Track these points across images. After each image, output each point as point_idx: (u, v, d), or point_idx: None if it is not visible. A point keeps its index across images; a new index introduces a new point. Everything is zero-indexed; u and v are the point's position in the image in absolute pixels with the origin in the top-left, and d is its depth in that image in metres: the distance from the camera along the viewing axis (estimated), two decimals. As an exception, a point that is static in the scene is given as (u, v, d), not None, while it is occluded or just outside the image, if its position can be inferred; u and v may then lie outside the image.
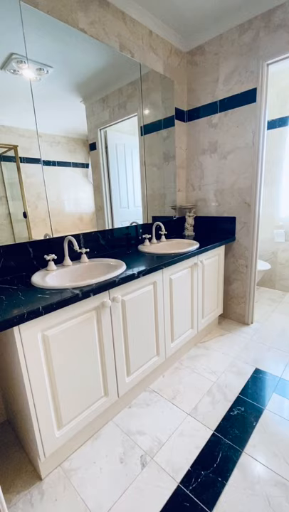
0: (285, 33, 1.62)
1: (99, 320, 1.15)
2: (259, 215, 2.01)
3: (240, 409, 1.37)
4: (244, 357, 1.80)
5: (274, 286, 2.98)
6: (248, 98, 1.86)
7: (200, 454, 1.15)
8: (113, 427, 1.32)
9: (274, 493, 0.98)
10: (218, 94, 2.00)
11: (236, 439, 1.21)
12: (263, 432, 1.24)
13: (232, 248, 2.17)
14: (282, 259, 2.86)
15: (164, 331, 1.56)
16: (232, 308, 2.30)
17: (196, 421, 1.32)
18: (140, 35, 1.75)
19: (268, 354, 1.82)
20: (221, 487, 1.02)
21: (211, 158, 2.16)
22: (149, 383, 1.59)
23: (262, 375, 1.62)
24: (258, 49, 1.74)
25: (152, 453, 1.17)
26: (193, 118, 2.19)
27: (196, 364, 1.75)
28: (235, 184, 2.05)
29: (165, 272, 1.49)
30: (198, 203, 2.33)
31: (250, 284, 2.15)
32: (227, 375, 1.64)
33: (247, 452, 1.15)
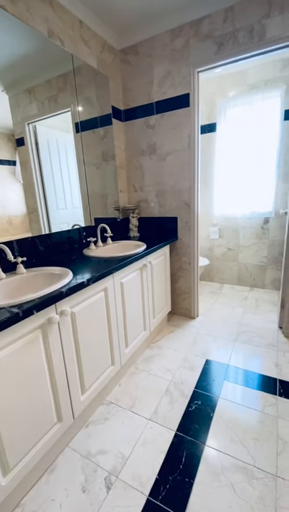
0: (212, 43, 1.74)
1: (46, 339, 1.01)
2: (198, 214, 2.13)
3: (197, 403, 1.41)
4: (195, 350, 1.88)
5: (212, 279, 3.23)
6: (182, 102, 1.93)
7: (165, 459, 1.14)
8: (70, 453, 1.20)
9: (237, 479, 1.04)
10: (153, 96, 2.03)
11: (197, 434, 1.24)
12: (220, 421, 1.31)
13: (176, 247, 2.24)
14: (218, 254, 3.12)
15: (118, 337, 1.49)
16: (179, 304, 2.38)
17: (158, 425, 1.31)
18: (70, 23, 1.62)
19: (215, 344, 1.95)
20: (189, 488, 1.02)
21: (150, 160, 2.18)
22: (105, 395, 1.50)
23: (212, 365, 1.71)
24: (189, 56, 1.83)
25: (117, 471, 1.10)
26: (130, 118, 2.17)
27: (151, 366, 1.75)
28: (175, 185, 2.12)
29: (116, 276, 1.42)
30: (140, 204, 2.33)
31: (193, 280, 2.26)
32: (181, 371, 1.68)
33: (209, 445, 1.19)
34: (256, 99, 2.53)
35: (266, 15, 1.57)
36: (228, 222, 2.97)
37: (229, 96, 2.67)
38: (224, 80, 2.66)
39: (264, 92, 2.49)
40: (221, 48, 1.73)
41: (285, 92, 2.43)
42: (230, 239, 3.02)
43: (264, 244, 2.86)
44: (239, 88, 2.62)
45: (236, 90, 2.63)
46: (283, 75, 2.43)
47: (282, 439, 1.19)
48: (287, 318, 1.98)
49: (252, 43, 1.64)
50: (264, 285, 2.98)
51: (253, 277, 3.01)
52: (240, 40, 1.66)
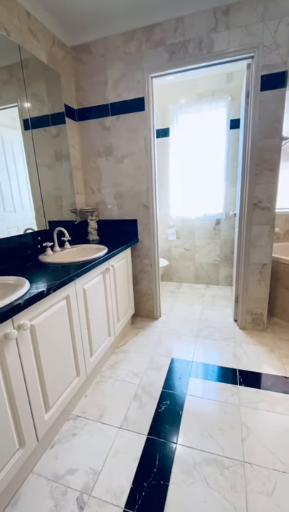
0: (164, 51, 1.79)
1: (2, 358, 0.91)
2: (157, 216, 2.17)
3: (166, 404, 1.43)
4: (160, 351, 1.90)
5: (171, 279, 3.32)
6: (137, 106, 1.95)
7: (139, 465, 1.12)
8: (35, 479, 1.09)
9: (209, 472, 1.07)
10: (108, 98, 2.00)
11: (169, 434, 1.25)
12: (189, 417, 1.34)
13: (137, 249, 2.25)
14: (176, 254, 3.23)
15: (82, 347, 1.42)
16: (142, 305, 2.39)
17: (129, 431, 1.28)
18: (16, 13, 1.50)
19: (179, 342, 2.00)
20: (164, 490, 1.02)
21: (107, 161, 2.14)
22: (71, 409, 1.41)
23: (178, 364, 1.75)
24: (142, 61, 1.85)
25: (89, 488, 1.04)
26: (85, 118, 2.11)
27: (117, 372, 1.71)
28: (134, 188, 2.12)
29: (78, 282, 1.35)
30: (99, 206, 2.28)
31: (155, 281, 2.29)
32: (148, 373, 1.68)
33: (180, 443, 1.20)
34: (205, 108, 2.69)
35: (213, 29, 1.68)
36: (184, 223, 3.10)
37: (180, 103, 2.79)
38: (175, 87, 2.77)
39: (211, 102, 2.67)
40: (173, 57, 1.79)
41: (230, 103, 2.64)
42: (187, 240, 3.15)
43: (216, 243, 3.06)
44: (189, 96, 2.76)
45: (186, 98, 2.77)
46: (228, 87, 2.63)
47: (245, 425, 1.27)
48: (241, 311, 2.14)
49: (201, 55, 1.73)
50: (218, 282, 3.18)
51: (209, 275, 3.19)
52: (190, 50, 1.75)
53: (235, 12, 1.63)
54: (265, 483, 1.02)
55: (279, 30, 1.59)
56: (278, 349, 1.85)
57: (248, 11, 1.61)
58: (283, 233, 2.79)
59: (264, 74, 1.66)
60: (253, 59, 1.68)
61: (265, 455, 1.13)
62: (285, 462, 1.10)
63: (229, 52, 1.69)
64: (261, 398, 1.43)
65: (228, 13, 1.64)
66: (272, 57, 1.63)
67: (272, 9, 1.57)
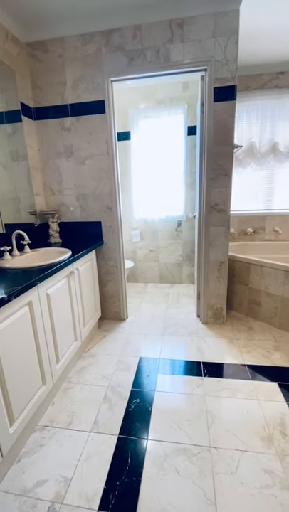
0: (123, 56, 1.83)
1: None
2: (121, 218, 2.19)
3: (136, 402, 1.45)
4: (128, 351, 1.92)
5: (137, 280, 3.37)
6: (97, 108, 1.95)
7: (111, 466, 1.12)
8: (2, 496, 1.03)
9: (179, 462, 1.12)
10: (67, 98, 1.97)
11: (139, 431, 1.28)
12: (158, 412, 1.38)
13: (102, 251, 2.24)
14: (141, 256, 3.28)
15: (47, 354, 1.37)
16: (109, 308, 2.38)
17: (100, 434, 1.28)
18: None
19: (146, 341, 2.04)
20: (137, 486, 1.04)
21: (68, 162, 2.10)
22: (38, 420, 1.36)
23: (146, 362, 1.79)
24: (102, 64, 1.86)
25: (60, 497, 1.02)
26: (43, 117, 2.04)
27: (85, 376, 1.68)
28: (97, 189, 2.11)
29: (41, 287, 1.31)
30: (60, 208, 2.22)
31: (121, 283, 2.31)
32: (117, 374, 1.68)
33: (151, 438, 1.24)
34: (164, 113, 2.80)
35: (170, 40, 1.77)
36: (148, 225, 3.17)
37: (140, 108, 2.85)
38: (135, 91, 2.83)
39: (170, 109, 2.78)
40: (132, 63, 1.84)
41: (186, 110, 2.78)
42: (151, 241, 3.22)
43: (179, 244, 3.18)
44: (148, 102, 2.84)
45: (146, 103, 2.84)
46: (185, 95, 2.77)
47: (210, 413, 1.36)
48: (202, 307, 2.27)
49: (159, 63, 1.81)
50: (182, 280, 3.31)
51: (172, 274, 3.30)
52: (148, 58, 1.81)
53: (189, 26, 1.73)
54: (229, 464, 1.11)
55: (228, 46, 1.74)
56: (237, 340, 2.01)
57: (200, 26, 1.73)
58: (238, 233, 3.03)
59: (216, 86, 1.80)
60: (206, 72, 1.81)
61: (229, 438, 1.22)
62: (246, 442, 1.20)
63: (185, 63, 1.79)
64: (224, 386, 1.54)
65: (183, 27, 1.74)
66: (223, 72, 1.77)
67: (222, 26, 1.71)
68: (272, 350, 1.86)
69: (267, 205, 2.95)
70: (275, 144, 2.65)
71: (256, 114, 2.65)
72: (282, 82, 2.59)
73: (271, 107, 2.62)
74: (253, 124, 2.67)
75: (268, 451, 1.15)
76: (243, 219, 2.99)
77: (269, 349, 1.88)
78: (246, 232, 2.99)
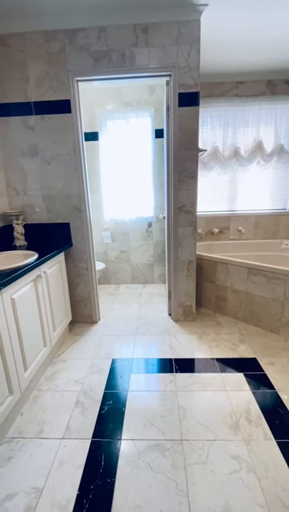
0: (89, 56, 1.81)
1: None
2: (90, 219, 2.16)
3: (109, 404, 1.45)
4: (100, 354, 1.91)
5: (109, 281, 3.35)
6: (63, 107, 1.91)
7: (85, 471, 1.11)
8: None
9: (152, 458, 1.14)
10: (31, 96, 1.90)
11: (113, 433, 1.28)
12: (132, 412, 1.39)
13: (71, 253, 2.19)
14: (112, 257, 3.27)
15: (14, 362, 1.31)
16: (80, 311, 2.33)
17: (72, 440, 1.25)
18: None
19: (119, 342, 2.04)
20: (111, 487, 1.04)
21: (33, 162, 2.03)
22: (5, 432, 1.29)
23: (119, 363, 1.79)
24: (67, 63, 1.83)
25: (31, 509, 0.98)
26: (4, 114, 1.94)
27: (56, 382, 1.63)
28: (64, 190, 2.07)
29: (4, 292, 1.25)
30: (25, 209, 2.13)
31: (92, 285, 2.28)
32: (90, 378, 1.66)
33: (124, 438, 1.24)
34: (131, 116, 2.82)
35: (135, 44, 1.80)
36: (118, 226, 3.17)
37: (107, 108, 2.85)
38: (102, 92, 2.82)
39: (137, 111, 2.82)
40: (98, 64, 1.83)
41: (153, 113, 2.84)
42: (122, 242, 3.23)
43: (150, 245, 3.23)
44: (116, 103, 2.84)
45: (113, 105, 2.84)
46: (152, 98, 2.82)
47: (181, 407, 1.40)
48: (173, 306, 2.33)
49: (125, 66, 1.83)
50: (153, 280, 3.36)
51: (144, 275, 3.34)
52: (114, 60, 1.82)
53: (153, 32, 1.78)
54: (200, 454, 1.16)
55: (191, 54, 1.81)
56: (206, 335, 2.09)
57: (164, 32, 1.78)
58: (205, 233, 3.16)
59: (181, 92, 1.86)
60: (171, 77, 1.87)
61: (199, 429, 1.27)
62: (215, 431, 1.26)
63: (150, 68, 1.83)
64: (194, 381, 1.60)
65: (147, 32, 1.78)
66: (187, 79, 1.84)
67: (184, 35, 1.78)
68: (238, 343, 1.97)
69: (231, 207, 3.12)
70: (236, 148, 2.82)
71: (219, 119, 2.79)
72: (241, 91, 2.76)
73: (233, 114, 2.77)
74: (216, 129, 2.81)
75: (236, 438, 1.22)
76: (210, 220, 3.13)
77: (235, 342, 1.99)
78: (213, 232, 3.13)
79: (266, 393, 1.48)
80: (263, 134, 2.79)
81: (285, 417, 1.33)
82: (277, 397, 1.45)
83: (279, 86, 2.74)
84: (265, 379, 1.59)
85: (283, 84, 2.73)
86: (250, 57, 2.40)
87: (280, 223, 3.11)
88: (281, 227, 3.12)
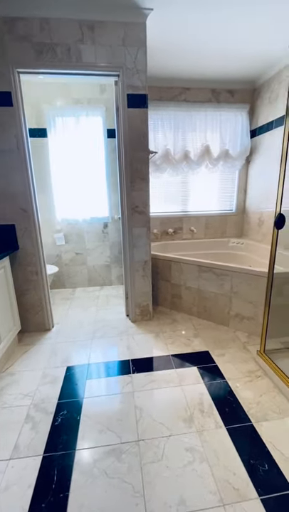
0: (31, 48, 1.71)
1: None
2: (38, 220, 2.04)
3: (63, 414, 1.38)
4: (54, 362, 1.81)
5: (64, 285, 3.20)
6: (3, 100, 1.76)
7: (35, 490, 1.03)
8: None
9: (108, 464, 1.12)
10: None
11: (67, 444, 1.21)
12: (87, 419, 1.35)
13: (17, 257, 2.03)
14: (66, 259, 3.13)
15: None
16: (30, 319, 2.18)
17: (21, 459, 1.16)
18: None
19: (74, 348, 1.96)
20: (65, 501, 0.99)
21: None
22: None
23: (74, 370, 1.72)
24: (6, 53, 1.69)
25: None
26: None
27: (3, 399, 1.50)
28: (7, 189, 1.91)
29: None
30: None
31: (43, 290, 2.15)
32: (41, 389, 1.56)
33: (79, 448, 1.19)
34: (82, 114, 2.74)
35: (80, 40, 1.75)
36: (72, 227, 3.06)
37: (56, 105, 2.72)
38: (49, 87, 2.68)
39: (88, 110, 2.75)
40: (41, 57, 1.73)
41: (105, 113, 2.80)
42: (77, 243, 3.12)
43: (106, 245, 3.18)
44: (65, 100, 2.73)
45: (63, 101, 2.73)
46: (103, 97, 2.79)
47: (138, 408, 1.40)
48: (130, 306, 2.33)
49: (71, 62, 1.76)
50: (111, 282, 3.32)
51: (102, 277, 3.28)
52: (59, 55, 1.74)
53: (99, 30, 1.75)
54: (156, 452, 1.17)
55: (138, 57, 1.83)
56: (162, 333, 2.14)
57: (111, 32, 1.76)
58: (160, 233, 3.23)
59: (129, 93, 1.87)
60: (119, 78, 1.86)
61: (155, 427, 1.29)
62: (170, 427, 1.29)
63: (97, 66, 1.80)
64: (151, 379, 1.62)
65: (93, 30, 1.75)
66: (135, 80, 1.85)
67: (131, 37, 1.79)
68: (192, 338, 2.05)
69: (184, 208, 3.25)
70: (186, 152, 2.94)
71: (170, 123, 2.88)
72: (189, 97, 2.90)
73: (182, 118, 2.89)
74: (167, 133, 2.89)
75: (189, 431, 1.26)
76: (164, 220, 3.21)
77: (190, 337, 2.07)
78: (167, 232, 3.22)
79: (217, 383, 1.57)
80: (209, 139, 2.96)
81: (234, 403, 1.42)
82: (227, 386, 1.55)
83: (222, 95, 2.94)
84: (216, 370, 1.69)
85: (226, 94, 2.94)
86: (195, 66, 2.53)
87: (227, 223, 3.35)
88: (229, 226, 3.36)
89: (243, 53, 2.32)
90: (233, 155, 2.99)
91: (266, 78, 2.72)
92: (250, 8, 1.75)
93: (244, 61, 2.46)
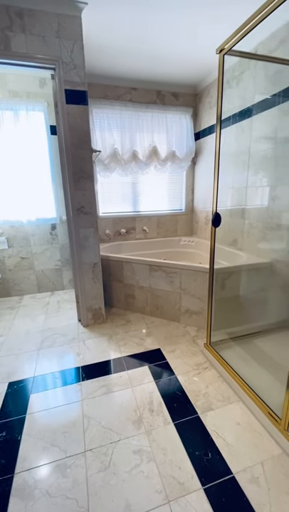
0: None
1: None
2: (-29, 224, 1.84)
3: (1, 437, 1.25)
4: (-6, 379, 1.64)
5: (9, 293, 2.96)
6: None
7: None
8: None
9: (51, 482, 1.05)
10: None
11: (4, 470, 1.10)
12: (30, 438, 1.25)
13: None
14: (11, 265, 2.90)
15: None
16: None
17: None
18: None
19: (19, 361, 1.81)
20: (-2, 536, 0.89)
21: None
22: None
23: (16, 386, 1.58)
24: None
25: None
26: None
27: None
28: None
29: None
30: None
31: (-19, 300, 1.95)
32: (-22, 411, 1.40)
33: (18, 471, 1.09)
34: (21, 108, 2.55)
35: (9, 27, 1.61)
36: (16, 230, 2.83)
37: (-10, 97, 2.49)
38: (-20, 77, 2.44)
39: (28, 104, 2.57)
40: None
41: (46, 108, 2.65)
42: (22, 247, 2.90)
43: (56, 248, 3.03)
44: (0, 92, 2.51)
45: (-3, 93, 2.51)
46: (43, 91, 2.63)
47: (86, 416, 1.35)
48: (82, 310, 2.25)
49: (-2, 50, 1.61)
50: (64, 286, 3.17)
51: (52, 281, 3.11)
52: (-17, 40, 1.58)
53: (29, 19, 1.63)
54: (103, 461, 1.13)
55: (75, 51, 1.76)
56: (115, 335, 2.10)
57: (43, 22, 1.66)
58: (113, 234, 3.19)
59: (67, 89, 1.79)
60: (56, 71, 1.77)
61: (104, 434, 1.25)
62: (119, 432, 1.26)
63: (29, 56, 1.68)
64: (101, 384, 1.57)
65: (23, 17, 1.62)
66: (72, 75, 1.78)
67: (66, 29, 1.71)
68: (145, 337, 2.06)
69: (135, 208, 3.26)
70: (135, 152, 2.94)
71: (116, 122, 2.85)
72: (135, 97, 2.90)
73: (129, 118, 2.88)
74: (114, 132, 2.86)
75: (138, 432, 1.26)
76: (117, 220, 3.18)
77: (142, 337, 2.07)
78: (120, 233, 3.20)
79: (167, 380, 1.59)
80: (157, 140, 3.01)
81: (182, 398, 1.46)
82: (176, 381, 1.58)
83: (167, 97, 3.01)
84: (166, 367, 1.71)
85: (170, 96, 3.02)
86: (140, 67, 2.54)
87: (178, 222, 3.45)
88: (180, 225, 3.47)
89: (182, 58, 2.41)
90: (180, 156, 3.10)
91: (206, 84, 2.86)
92: (186, 14, 1.81)
93: (185, 66, 2.56)
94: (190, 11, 1.78)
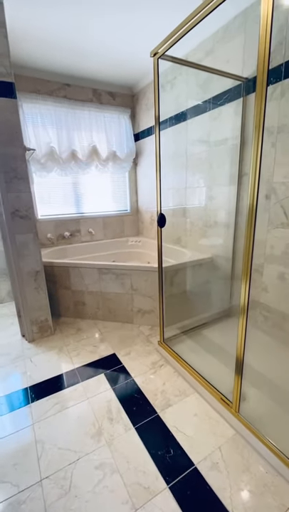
0: None
1: None
2: None
3: None
4: None
5: None
6: None
7: None
8: None
9: (0, 529, 0.92)
10: None
11: None
12: None
13: None
14: None
15: None
16: None
17: None
18: None
19: None
20: None
21: None
22: None
23: None
24: None
25: None
26: None
27: None
28: None
29: None
30: None
31: None
32: None
33: None
34: None
35: None
36: None
37: None
38: None
39: None
40: None
41: None
42: None
43: (-11, 257, 2.69)
44: None
45: None
46: None
47: (39, 441, 1.23)
48: (25, 324, 2.04)
49: None
50: (2, 299, 2.84)
51: (-12, 295, 2.76)
52: None
53: None
54: (62, 486, 1.04)
55: (-3, 38, 1.57)
56: (66, 346, 1.98)
57: None
58: (56, 238, 3.00)
59: (-10, 78, 1.59)
60: (-26, 57, 1.55)
61: (61, 456, 1.16)
62: (78, 450, 1.18)
63: None
64: (54, 402, 1.45)
65: None
66: (-5, 64, 1.59)
67: (-16, 12, 1.52)
68: (98, 343, 1.99)
69: (79, 209, 3.12)
70: (74, 151, 2.81)
71: (51, 119, 2.67)
72: (70, 94, 2.77)
73: (64, 116, 2.73)
74: (49, 129, 2.68)
75: (98, 446, 1.20)
76: (59, 223, 3.00)
77: (95, 343, 2.00)
78: (64, 236, 3.02)
79: (124, 384, 1.57)
80: (96, 140, 2.93)
81: (140, 400, 1.45)
82: (134, 384, 1.57)
83: (104, 96, 2.96)
84: (123, 370, 1.69)
85: (107, 96, 2.98)
86: (72, 62, 2.43)
87: (124, 223, 3.45)
88: (126, 226, 3.47)
89: (118, 57, 2.39)
90: (121, 157, 3.08)
91: (142, 86, 2.91)
92: (122, 11, 1.80)
93: (120, 66, 2.55)
94: (126, 9, 1.77)
